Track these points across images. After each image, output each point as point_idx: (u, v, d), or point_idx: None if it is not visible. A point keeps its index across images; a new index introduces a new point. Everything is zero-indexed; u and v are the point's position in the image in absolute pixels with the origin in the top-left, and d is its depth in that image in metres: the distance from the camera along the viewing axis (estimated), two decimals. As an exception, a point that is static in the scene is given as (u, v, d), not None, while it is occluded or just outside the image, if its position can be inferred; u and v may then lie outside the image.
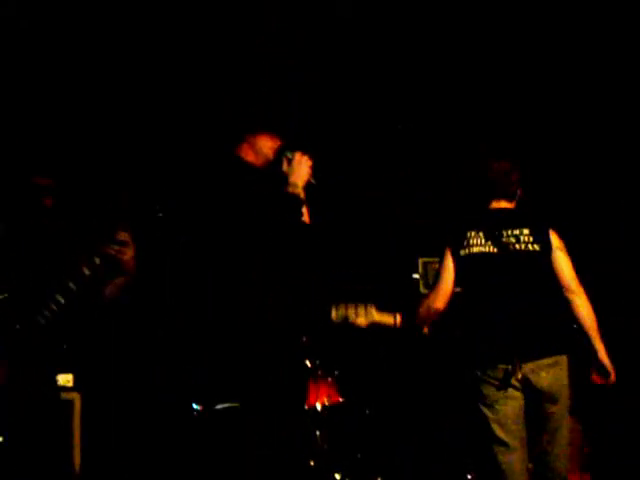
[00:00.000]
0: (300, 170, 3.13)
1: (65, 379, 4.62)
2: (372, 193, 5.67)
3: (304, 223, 3.16)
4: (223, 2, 4.79)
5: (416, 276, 5.81)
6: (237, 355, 3.04)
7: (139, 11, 4.74)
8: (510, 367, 3.32)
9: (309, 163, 3.15)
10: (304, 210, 3.20)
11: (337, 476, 4.72)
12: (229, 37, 4.94)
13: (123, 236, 3.21)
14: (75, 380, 4.74)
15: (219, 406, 4.18)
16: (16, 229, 3.59)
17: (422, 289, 5.81)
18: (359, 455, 4.88)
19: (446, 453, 4.88)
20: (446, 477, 4.80)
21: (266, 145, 3.22)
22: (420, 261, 5.82)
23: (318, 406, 4.84)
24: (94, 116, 5.20)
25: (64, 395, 4.50)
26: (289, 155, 3.17)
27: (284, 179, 3.14)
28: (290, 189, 3.11)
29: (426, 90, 5.42)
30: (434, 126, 5.60)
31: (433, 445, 4.99)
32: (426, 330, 3.81)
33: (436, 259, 5.67)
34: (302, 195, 3.15)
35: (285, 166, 3.17)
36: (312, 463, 4.55)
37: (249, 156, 3.24)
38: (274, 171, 3.19)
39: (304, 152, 3.17)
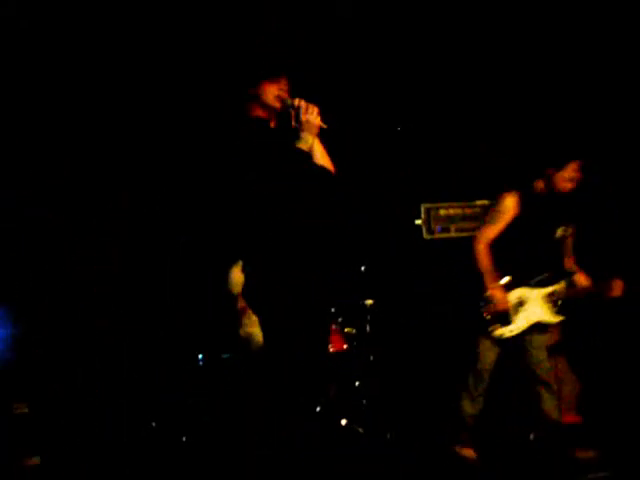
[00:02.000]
0: (308, 121, 3.10)
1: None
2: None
3: (318, 174, 3.15)
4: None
5: (418, 222, 5.78)
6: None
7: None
8: None
9: (316, 110, 3.10)
10: (325, 157, 3.22)
11: (343, 422, 4.76)
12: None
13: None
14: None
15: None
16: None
17: (425, 235, 5.79)
18: (364, 401, 4.92)
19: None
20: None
21: (271, 93, 3.18)
22: (423, 207, 5.78)
23: (323, 353, 4.85)
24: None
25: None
26: (289, 102, 3.13)
27: (295, 135, 3.11)
28: (301, 144, 3.08)
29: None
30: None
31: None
32: None
33: (439, 204, 5.75)
34: (315, 144, 3.14)
35: (293, 122, 3.13)
36: (318, 409, 4.59)
37: (259, 112, 3.21)
38: (285, 127, 3.16)
39: (307, 100, 3.13)
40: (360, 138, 5.46)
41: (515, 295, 4.21)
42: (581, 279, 4.33)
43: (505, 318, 4.16)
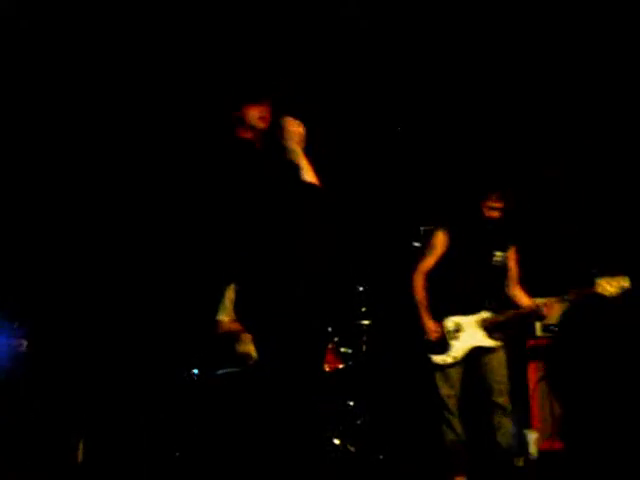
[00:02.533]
0: (293, 134, 3.17)
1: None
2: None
3: (305, 187, 3.20)
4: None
5: (417, 244, 5.80)
6: None
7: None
8: None
9: (297, 121, 3.18)
10: (310, 172, 3.24)
11: (337, 441, 4.77)
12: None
13: None
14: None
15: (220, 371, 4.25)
16: None
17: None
18: (358, 421, 4.92)
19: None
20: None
21: (254, 116, 3.26)
22: (422, 230, 5.80)
23: (318, 372, 4.86)
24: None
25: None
26: (281, 122, 3.20)
27: (282, 148, 3.17)
28: (290, 155, 3.14)
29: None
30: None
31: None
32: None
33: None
34: (302, 157, 3.19)
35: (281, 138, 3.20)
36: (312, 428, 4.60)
37: (244, 133, 3.29)
38: (272, 146, 3.22)
39: (294, 117, 3.20)
40: (361, 160, 5.51)
41: (452, 321, 4.32)
42: (523, 302, 4.40)
43: (444, 345, 4.27)
